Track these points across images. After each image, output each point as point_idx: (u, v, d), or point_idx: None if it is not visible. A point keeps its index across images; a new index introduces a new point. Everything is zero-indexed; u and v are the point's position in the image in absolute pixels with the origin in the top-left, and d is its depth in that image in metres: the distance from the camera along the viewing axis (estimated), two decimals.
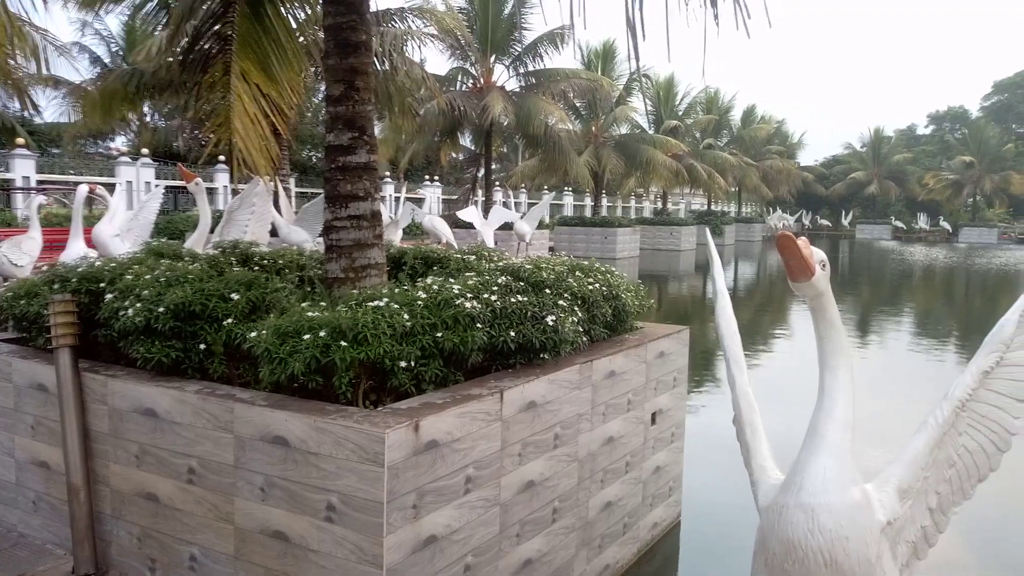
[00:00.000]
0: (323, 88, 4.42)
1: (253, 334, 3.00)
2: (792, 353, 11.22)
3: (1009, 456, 2.47)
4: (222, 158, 20.43)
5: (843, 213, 63.65)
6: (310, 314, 3.01)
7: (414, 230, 20.86)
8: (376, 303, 3.07)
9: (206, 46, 5.66)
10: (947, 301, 21.40)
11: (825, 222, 64.24)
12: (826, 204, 65.97)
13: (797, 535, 2.12)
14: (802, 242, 2.13)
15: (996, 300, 20.17)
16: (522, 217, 19.55)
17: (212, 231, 6.74)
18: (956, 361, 10.94)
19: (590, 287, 3.93)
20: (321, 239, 4.33)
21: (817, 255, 2.18)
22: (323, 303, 3.36)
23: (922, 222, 59.70)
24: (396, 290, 3.33)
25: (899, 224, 59.75)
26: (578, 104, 29.61)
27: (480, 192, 25.79)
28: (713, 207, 50.40)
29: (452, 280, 3.49)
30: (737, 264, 31.48)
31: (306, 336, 2.85)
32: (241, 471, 2.84)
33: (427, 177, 33.61)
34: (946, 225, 58.13)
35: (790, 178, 55.05)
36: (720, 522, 4.93)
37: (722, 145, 46.39)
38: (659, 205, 45.90)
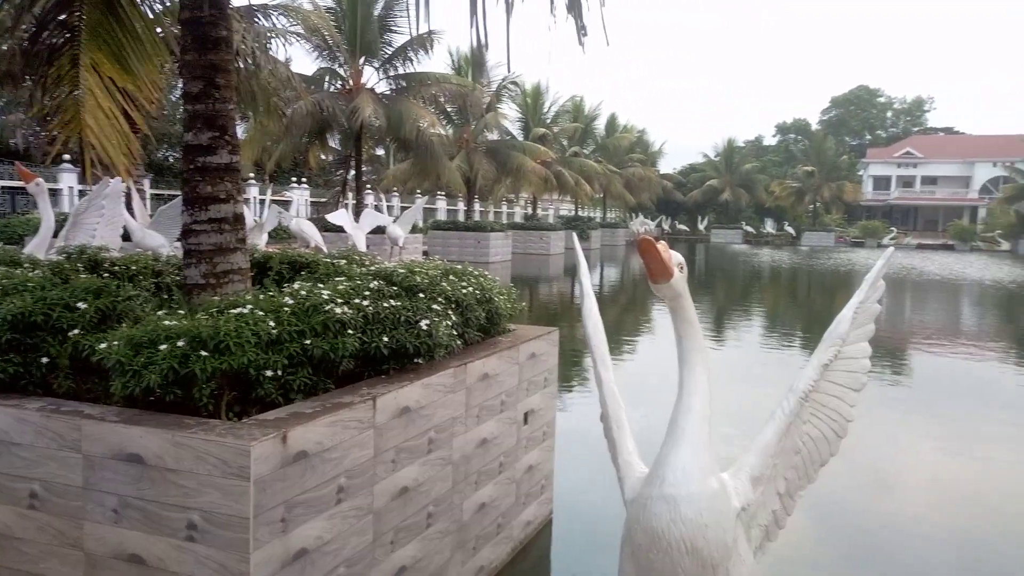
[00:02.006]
0: (180, 84, 4.20)
1: (103, 345, 2.80)
2: (654, 351, 11.75)
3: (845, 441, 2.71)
4: (67, 157, 18.90)
5: (699, 218, 67.30)
6: (167, 323, 2.85)
7: (281, 234, 20.15)
8: (239, 310, 2.95)
9: (51, 37, 5.23)
10: (792, 299, 23.13)
11: (683, 227, 67.67)
12: (684, 210, 69.51)
13: (661, 525, 2.22)
14: (661, 246, 2.24)
15: (834, 297, 22.01)
16: (395, 221, 19.38)
17: (56, 235, 6.25)
18: (800, 354, 11.84)
19: (464, 291, 3.95)
20: (179, 243, 4.11)
21: (675, 258, 2.30)
22: (181, 311, 3.19)
23: (769, 227, 64.15)
24: (261, 296, 3.21)
25: (749, 229, 63.91)
26: (449, 109, 29.69)
27: (351, 195, 25.27)
28: (580, 213, 51.93)
29: (321, 285, 3.40)
30: (603, 267, 32.59)
31: (163, 346, 2.69)
32: (91, 493, 2.64)
33: (295, 179, 32.54)
34: (790, 229, 62.77)
35: (651, 185, 57.55)
36: (590, 517, 5.08)
37: (588, 153, 47.89)
38: (529, 210, 46.77)
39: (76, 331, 2.99)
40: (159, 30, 6.60)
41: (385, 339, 3.20)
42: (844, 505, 5.33)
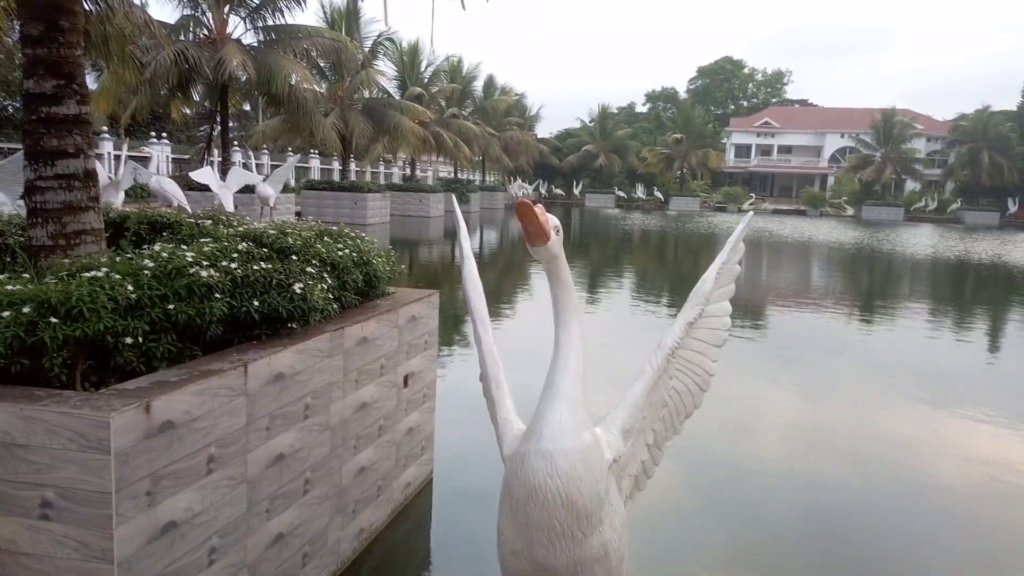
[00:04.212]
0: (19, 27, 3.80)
1: None
2: (532, 312, 11.99)
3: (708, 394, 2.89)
4: None
5: (574, 183, 68.58)
6: (10, 287, 2.62)
7: (140, 193, 18.88)
8: (93, 273, 2.75)
9: None
10: (660, 260, 24.18)
11: (559, 191, 68.78)
12: (560, 175, 70.58)
13: (538, 480, 2.29)
14: (539, 209, 2.27)
15: (699, 258, 23.18)
16: (265, 179, 18.58)
17: None
18: (667, 313, 12.43)
19: (340, 253, 3.86)
20: (22, 202, 3.77)
21: (552, 221, 2.34)
22: (26, 275, 2.94)
23: (640, 192, 66.37)
24: (118, 259, 3.00)
25: (621, 194, 65.88)
26: (322, 64, 28.55)
27: (217, 152, 23.91)
28: (459, 175, 51.68)
29: (185, 247, 3.22)
30: (482, 230, 32.72)
31: (5, 313, 2.47)
32: None
33: (154, 134, 30.41)
34: (659, 195, 65.24)
35: (528, 149, 57.96)
36: (469, 475, 5.17)
37: (466, 115, 47.50)
38: (408, 172, 46.05)
39: None
40: None
41: (256, 303, 3.08)
42: (707, 454, 5.70)
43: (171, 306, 2.81)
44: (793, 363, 9.41)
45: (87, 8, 11.11)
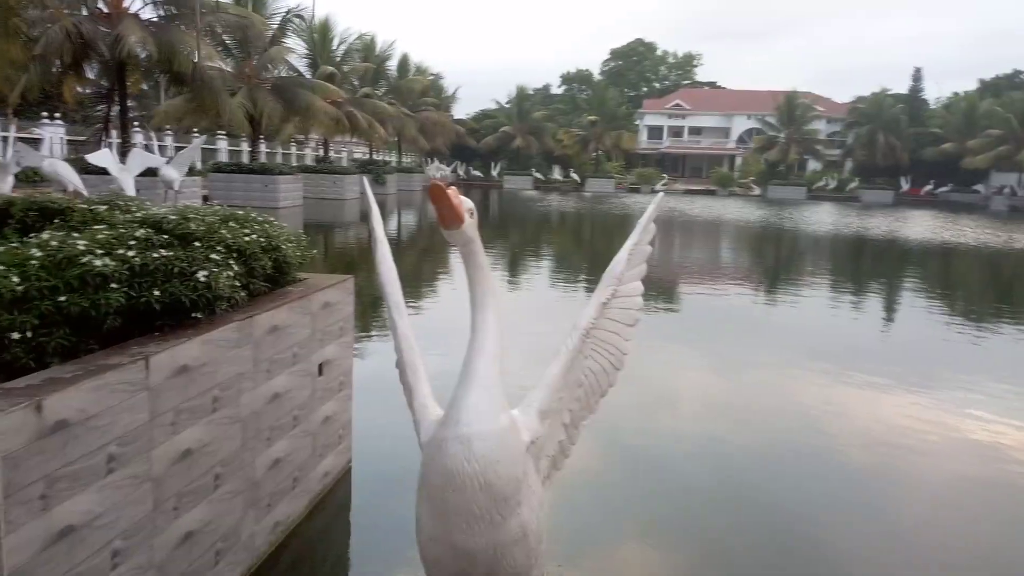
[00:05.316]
0: None
1: None
2: (451, 296, 11.94)
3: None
4: None
5: (492, 165, 68.43)
6: None
7: (33, 177, 17.81)
8: None
9: None
10: (577, 242, 24.49)
11: (477, 173, 68.46)
12: (478, 156, 70.17)
13: (455, 465, 2.27)
14: (452, 191, 2.24)
15: (613, 239, 23.59)
16: (168, 162, 17.76)
17: None
18: (584, 293, 12.61)
19: (247, 239, 3.71)
20: None
21: (466, 204, 2.31)
22: None
23: (556, 174, 66.80)
24: (1, 248, 2.80)
25: (539, 175, 66.15)
26: (228, 41, 27.43)
27: (115, 133, 22.64)
28: (375, 156, 50.75)
29: (77, 235, 3.04)
30: (400, 213, 32.31)
31: None
32: None
33: (46, 114, 28.57)
34: (575, 176, 65.84)
35: (445, 130, 57.40)
36: (389, 462, 5.11)
37: (380, 95, 46.60)
38: (321, 153, 44.92)
39: None
40: None
41: (156, 293, 2.94)
42: (622, 430, 5.82)
43: (62, 298, 2.64)
44: (704, 338, 9.72)
45: None
